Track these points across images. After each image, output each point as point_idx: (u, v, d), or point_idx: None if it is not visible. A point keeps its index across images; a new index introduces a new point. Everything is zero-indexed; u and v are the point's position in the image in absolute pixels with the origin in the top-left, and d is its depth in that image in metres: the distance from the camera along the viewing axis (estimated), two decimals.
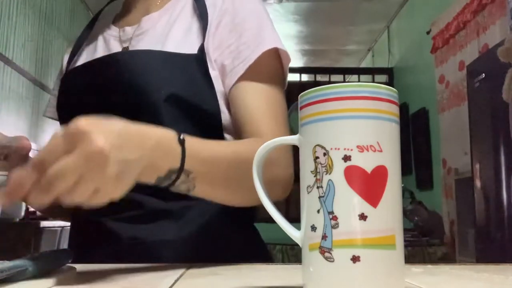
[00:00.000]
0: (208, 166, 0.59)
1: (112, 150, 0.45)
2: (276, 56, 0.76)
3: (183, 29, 0.78)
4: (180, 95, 0.71)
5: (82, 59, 0.84)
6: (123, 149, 0.48)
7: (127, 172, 0.48)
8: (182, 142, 0.55)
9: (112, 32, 0.84)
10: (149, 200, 0.71)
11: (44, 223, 2.78)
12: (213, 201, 0.64)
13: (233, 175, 0.62)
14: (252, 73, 0.73)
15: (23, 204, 2.85)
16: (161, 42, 0.76)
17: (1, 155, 0.54)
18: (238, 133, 0.73)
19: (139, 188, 0.70)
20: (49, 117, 0.92)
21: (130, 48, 0.79)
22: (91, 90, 0.77)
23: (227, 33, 0.76)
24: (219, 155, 0.62)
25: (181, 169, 0.55)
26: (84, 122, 0.45)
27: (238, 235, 0.77)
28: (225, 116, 0.76)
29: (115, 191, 0.48)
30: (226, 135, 0.76)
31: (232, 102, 0.74)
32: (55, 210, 0.84)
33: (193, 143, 0.57)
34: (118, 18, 0.89)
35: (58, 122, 0.89)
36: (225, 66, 0.75)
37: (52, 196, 0.44)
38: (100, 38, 0.85)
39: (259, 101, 0.73)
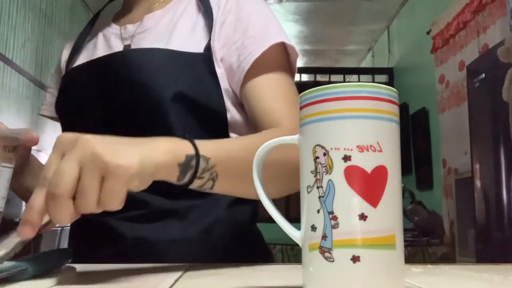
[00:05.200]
0: (224, 153, 0.58)
1: (92, 138, 0.45)
2: (283, 51, 0.76)
3: (188, 27, 0.78)
4: (187, 94, 0.71)
5: (82, 58, 0.84)
6: (107, 139, 0.47)
7: (127, 153, 0.46)
8: (186, 137, 0.55)
9: (113, 30, 0.84)
10: (154, 199, 0.71)
11: None
12: (235, 194, 0.62)
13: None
14: (260, 67, 0.73)
15: (23, 204, 2.85)
16: (165, 40, 0.76)
17: (10, 147, 0.54)
18: (257, 127, 0.73)
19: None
20: (45, 116, 0.92)
21: (132, 46, 0.79)
22: (95, 88, 0.76)
23: (232, 31, 0.76)
24: (233, 143, 0.62)
25: (197, 152, 0.54)
26: (68, 134, 0.46)
27: (242, 235, 0.77)
28: (231, 114, 0.76)
29: (126, 178, 0.45)
30: (233, 134, 0.76)
31: (246, 99, 0.74)
32: None
33: (200, 140, 0.57)
34: (119, 16, 0.89)
35: (56, 122, 0.89)
36: (232, 63, 0.75)
37: (63, 208, 0.43)
38: (100, 36, 0.85)
39: (272, 91, 0.73)
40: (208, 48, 0.74)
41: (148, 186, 0.54)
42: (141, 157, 0.47)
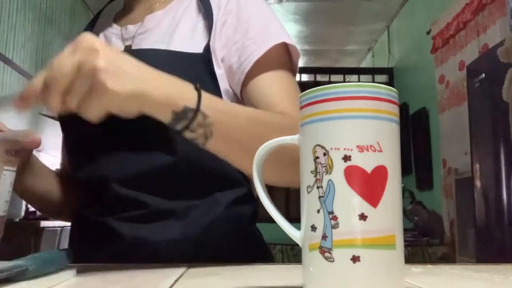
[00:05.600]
0: (225, 115, 0.59)
1: (106, 50, 0.50)
2: (284, 50, 0.76)
3: (189, 28, 0.77)
4: None
5: None
6: (120, 58, 0.52)
7: (124, 79, 0.50)
8: (198, 88, 0.57)
9: (114, 30, 0.84)
10: (153, 199, 0.71)
11: (44, 223, 2.77)
12: (227, 159, 0.63)
13: (251, 133, 0.61)
14: (261, 67, 0.73)
15: (23, 204, 2.85)
16: (166, 41, 0.76)
17: (12, 150, 0.54)
18: None
19: (144, 187, 0.70)
20: (45, 115, 0.92)
21: (134, 47, 0.79)
22: None
23: (233, 31, 0.76)
24: (238, 109, 0.63)
25: (197, 108, 0.55)
26: (91, 37, 0.51)
27: (242, 235, 0.77)
28: None
29: (110, 96, 0.49)
30: None
31: (248, 98, 0.74)
32: (57, 210, 0.84)
33: (210, 95, 0.59)
34: (120, 17, 0.89)
35: (57, 122, 0.89)
36: (232, 64, 0.75)
37: (53, 98, 0.49)
38: (101, 37, 0.85)
39: (273, 88, 0.73)
40: (207, 48, 0.74)
41: (147, 182, 0.55)
42: (135, 88, 0.51)
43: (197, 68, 0.73)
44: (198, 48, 0.74)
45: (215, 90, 0.74)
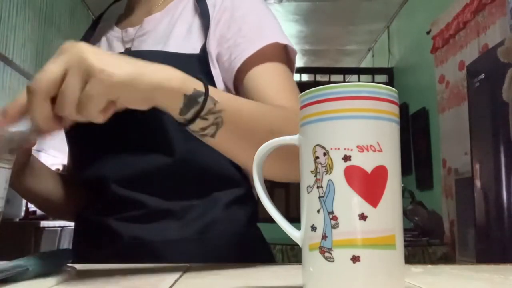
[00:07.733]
0: (233, 103, 0.56)
1: (93, 49, 0.46)
2: (279, 50, 0.75)
3: (185, 29, 0.77)
4: None
5: None
6: (108, 53, 0.48)
7: (120, 65, 0.46)
8: (199, 77, 0.54)
9: (115, 33, 0.85)
10: (151, 199, 0.71)
11: (44, 223, 2.77)
12: (231, 154, 0.60)
13: (261, 123, 0.58)
14: (253, 63, 0.71)
15: (23, 204, 2.85)
16: (162, 42, 0.76)
17: (6, 148, 0.54)
18: None
19: (142, 187, 0.71)
20: None
21: (133, 49, 0.79)
22: None
23: (226, 29, 0.75)
24: (249, 101, 0.62)
25: (207, 91, 0.52)
26: (69, 42, 0.47)
27: (240, 235, 0.77)
28: None
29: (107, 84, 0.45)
30: None
31: (245, 93, 0.73)
32: (60, 210, 0.84)
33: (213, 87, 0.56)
34: (121, 20, 0.89)
35: None
36: (224, 62, 0.74)
37: (39, 105, 0.45)
38: (103, 40, 0.85)
39: (269, 81, 0.71)
40: (204, 49, 0.74)
41: (145, 183, 0.51)
42: (135, 72, 0.47)
43: (194, 69, 0.73)
44: (195, 49, 0.74)
45: None
